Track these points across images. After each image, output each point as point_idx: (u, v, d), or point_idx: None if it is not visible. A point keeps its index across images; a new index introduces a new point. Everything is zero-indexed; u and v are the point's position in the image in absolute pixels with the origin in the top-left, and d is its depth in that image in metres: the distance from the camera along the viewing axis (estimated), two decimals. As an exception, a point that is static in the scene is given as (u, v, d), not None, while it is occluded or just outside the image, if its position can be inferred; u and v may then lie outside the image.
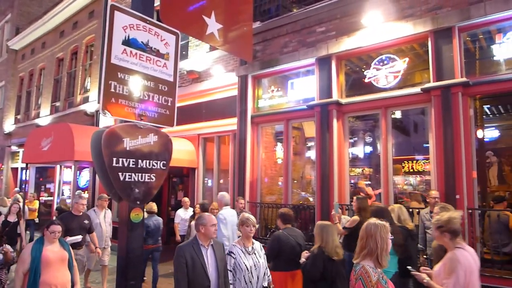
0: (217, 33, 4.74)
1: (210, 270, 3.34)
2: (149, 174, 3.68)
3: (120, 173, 3.43)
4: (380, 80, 6.52)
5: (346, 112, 6.96)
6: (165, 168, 3.86)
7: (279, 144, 8.81)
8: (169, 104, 3.99)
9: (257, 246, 3.92)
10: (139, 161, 3.61)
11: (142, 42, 3.78)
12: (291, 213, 4.76)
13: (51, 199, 15.34)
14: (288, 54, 7.62)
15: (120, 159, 3.44)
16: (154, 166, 3.74)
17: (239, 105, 8.29)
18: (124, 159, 3.47)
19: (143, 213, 3.77)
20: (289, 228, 4.57)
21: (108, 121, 11.29)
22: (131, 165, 3.54)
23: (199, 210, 7.32)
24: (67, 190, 14.30)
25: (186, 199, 8.74)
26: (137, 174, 3.57)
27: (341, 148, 6.87)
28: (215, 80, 9.30)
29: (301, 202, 8.21)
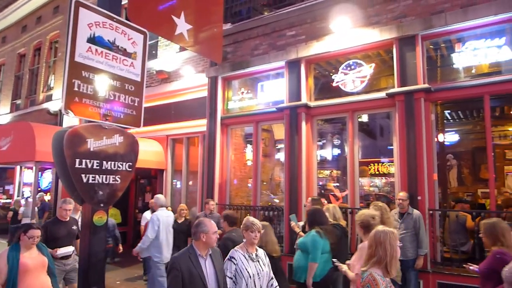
0: (186, 33, 4.69)
1: (210, 283, 3.05)
2: (114, 176, 3.59)
3: (83, 175, 3.33)
4: (347, 84, 6.68)
5: (315, 115, 7.07)
6: (131, 169, 3.78)
7: (248, 146, 8.83)
8: (136, 104, 3.90)
9: (261, 253, 3.63)
10: (104, 162, 3.51)
11: (108, 40, 3.69)
12: (236, 215, 4.95)
13: (10, 201, 14.61)
14: (258, 57, 7.66)
15: (83, 160, 3.33)
16: (120, 167, 3.65)
17: (209, 107, 8.24)
18: (88, 161, 3.36)
19: (107, 216, 3.67)
20: (235, 230, 4.67)
21: (72, 121, 10.90)
22: (95, 167, 3.43)
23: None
24: (27, 192, 13.69)
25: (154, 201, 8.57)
26: (101, 176, 3.47)
27: (309, 150, 6.97)
28: (185, 80, 9.20)
29: (270, 204, 8.26)
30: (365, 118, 9.39)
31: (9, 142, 7.89)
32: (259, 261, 3.51)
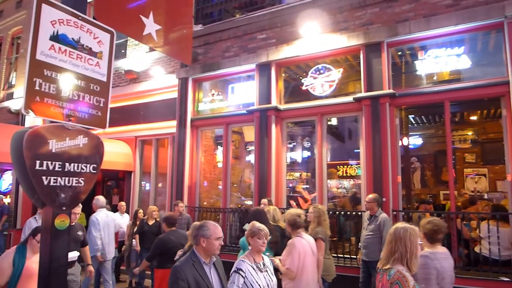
0: (155, 34, 4.61)
1: None
2: (77, 178, 3.47)
3: (43, 177, 3.19)
4: (316, 88, 6.80)
5: (285, 117, 7.15)
6: (95, 171, 3.66)
7: (219, 148, 8.80)
8: (102, 105, 3.79)
9: (267, 261, 3.29)
10: (66, 164, 3.38)
11: (72, 38, 3.56)
12: (175, 217, 5.27)
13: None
14: (229, 59, 7.66)
15: (44, 162, 3.19)
16: (83, 169, 3.53)
17: (179, 108, 8.15)
18: (49, 162, 3.23)
19: (70, 219, 3.55)
20: (173, 231, 5.02)
21: (35, 120, 10.47)
22: (57, 169, 3.30)
23: (141, 216, 7.11)
24: (-14, 194, 13.00)
25: (123, 203, 8.35)
26: (63, 178, 3.34)
27: (279, 152, 7.04)
28: (154, 81, 9.06)
29: (240, 206, 8.26)
30: (334, 121, 9.59)
31: (-35, 142, 7.47)
32: (267, 271, 3.20)
